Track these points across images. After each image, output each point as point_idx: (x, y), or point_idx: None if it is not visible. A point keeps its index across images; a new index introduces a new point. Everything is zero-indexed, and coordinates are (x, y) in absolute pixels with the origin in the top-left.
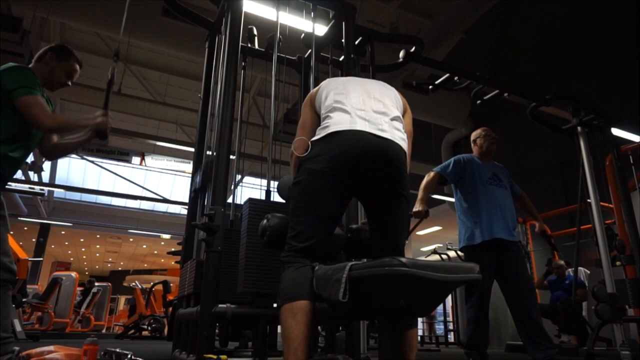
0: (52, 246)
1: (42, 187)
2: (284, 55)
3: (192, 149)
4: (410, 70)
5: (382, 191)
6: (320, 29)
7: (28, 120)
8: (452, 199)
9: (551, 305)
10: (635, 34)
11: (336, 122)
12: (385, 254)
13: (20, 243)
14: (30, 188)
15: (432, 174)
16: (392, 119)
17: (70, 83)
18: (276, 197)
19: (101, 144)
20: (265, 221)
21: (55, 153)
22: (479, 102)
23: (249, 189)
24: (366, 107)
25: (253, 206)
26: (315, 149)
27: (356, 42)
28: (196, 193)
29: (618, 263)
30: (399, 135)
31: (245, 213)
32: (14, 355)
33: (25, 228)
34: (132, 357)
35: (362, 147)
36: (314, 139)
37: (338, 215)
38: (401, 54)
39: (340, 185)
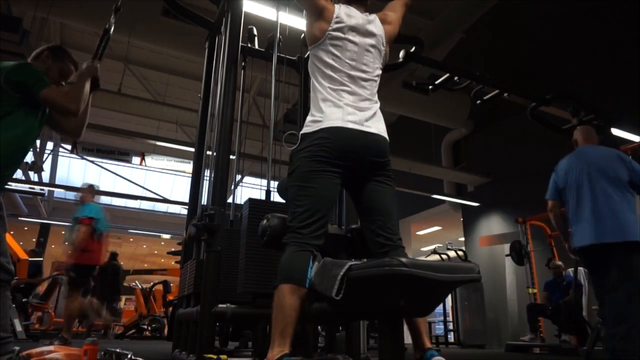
0: (52, 246)
1: (42, 187)
2: (284, 55)
3: (192, 149)
4: (410, 70)
5: (369, 176)
6: None
7: (56, 111)
8: (452, 199)
9: (552, 305)
10: (635, 34)
11: (327, 118)
12: (381, 239)
13: (21, 243)
14: (30, 188)
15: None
16: (375, 111)
17: (63, 83)
18: (276, 197)
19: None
20: (265, 221)
21: (81, 125)
22: (479, 102)
23: (249, 189)
24: (355, 96)
25: (253, 206)
26: (307, 141)
27: None
28: (196, 186)
29: None
30: (382, 127)
31: (245, 213)
32: (14, 355)
33: (26, 228)
34: (132, 357)
35: (350, 142)
36: (305, 131)
37: (333, 196)
38: (401, 54)
39: (332, 170)
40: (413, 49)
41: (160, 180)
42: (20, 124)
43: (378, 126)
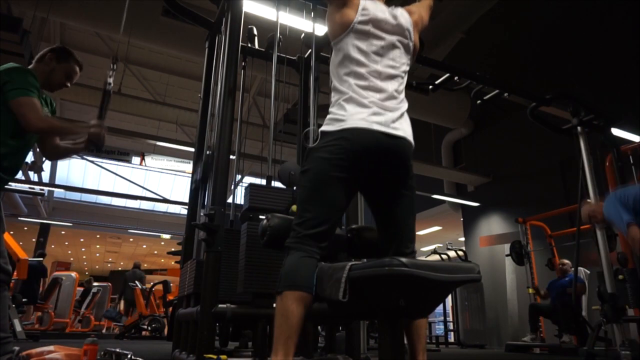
0: (52, 246)
1: (42, 187)
2: (284, 55)
3: (192, 149)
4: (410, 70)
5: (390, 185)
6: (320, 29)
7: (19, 120)
8: (452, 199)
9: (551, 305)
10: (635, 34)
11: (351, 117)
12: (393, 246)
13: (20, 243)
14: (30, 188)
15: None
16: (403, 112)
17: (69, 84)
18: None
19: (96, 151)
20: (265, 221)
21: (55, 155)
22: (479, 102)
23: None
24: (382, 93)
25: (254, 192)
26: (326, 139)
27: None
28: (196, 187)
29: (620, 277)
30: (409, 130)
31: (246, 199)
32: (14, 355)
33: (25, 228)
34: (132, 357)
35: (374, 147)
36: (325, 129)
37: (344, 205)
38: None
39: (349, 177)
40: None
41: (160, 180)
42: (17, 124)
43: (405, 128)
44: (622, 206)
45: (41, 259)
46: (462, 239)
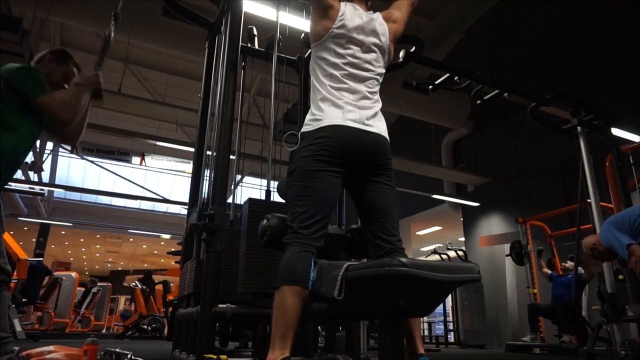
0: (52, 246)
1: (42, 187)
2: (284, 55)
3: (192, 149)
4: (410, 70)
5: (370, 178)
6: None
7: (51, 118)
8: (452, 199)
9: (551, 305)
10: (635, 34)
11: (327, 117)
12: (380, 238)
13: (20, 243)
14: (30, 188)
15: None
16: (376, 111)
17: (66, 86)
18: (276, 197)
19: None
20: (265, 221)
21: (77, 132)
22: (479, 102)
23: (249, 189)
24: (356, 94)
25: (253, 206)
26: (307, 140)
27: None
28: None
29: (620, 277)
30: (383, 127)
31: (245, 213)
32: (14, 355)
33: (25, 228)
34: (132, 357)
35: (351, 141)
36: (304, 130)
37: (334, 197)
38: (401, 54)
39: (332, 170)
40: (413, 49)
41: (160, 180)
42: (20, 126)
43: (379, 125)
44: (618, 230)
45: (41, 259)
46: (462, 239)
